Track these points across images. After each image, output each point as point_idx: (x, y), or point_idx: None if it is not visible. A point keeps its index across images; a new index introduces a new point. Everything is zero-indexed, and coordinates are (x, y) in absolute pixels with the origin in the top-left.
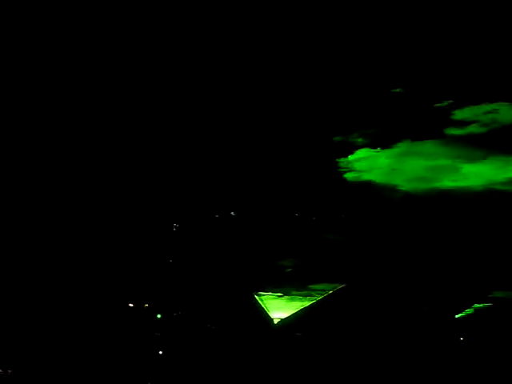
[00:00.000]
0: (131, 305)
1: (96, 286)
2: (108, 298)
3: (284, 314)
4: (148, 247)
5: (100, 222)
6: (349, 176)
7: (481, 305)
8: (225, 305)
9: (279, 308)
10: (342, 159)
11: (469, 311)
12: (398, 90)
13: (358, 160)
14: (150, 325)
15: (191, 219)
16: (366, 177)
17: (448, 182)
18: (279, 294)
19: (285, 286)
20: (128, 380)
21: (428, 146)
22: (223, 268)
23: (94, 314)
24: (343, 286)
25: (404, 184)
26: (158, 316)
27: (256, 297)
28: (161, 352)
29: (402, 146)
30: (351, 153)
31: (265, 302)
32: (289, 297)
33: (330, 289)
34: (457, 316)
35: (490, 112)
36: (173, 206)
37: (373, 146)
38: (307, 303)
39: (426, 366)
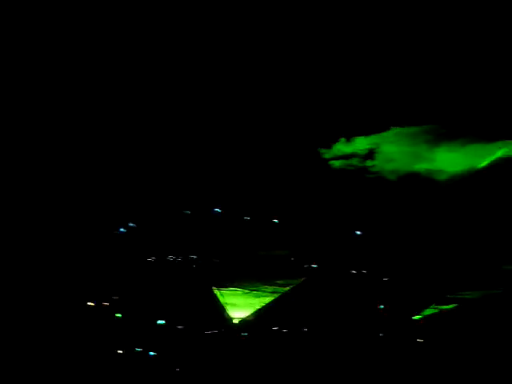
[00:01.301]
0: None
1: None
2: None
3: (243, 313)
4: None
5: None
6: (335, 163)
7: (445, 306)
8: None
9: (239, 306)
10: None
11: (428, 312)
12: None
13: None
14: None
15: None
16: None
17: (425, 165)
18: (242, 290)
19: (251, 281)
20: None
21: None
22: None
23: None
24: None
25: (382, 165)
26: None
27: (216, 292)
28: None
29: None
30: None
31: (225, 298)
32: (251, 293)
33: (295, 283)
34: (414, 317)
35: None
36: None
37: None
38: (269, 299)
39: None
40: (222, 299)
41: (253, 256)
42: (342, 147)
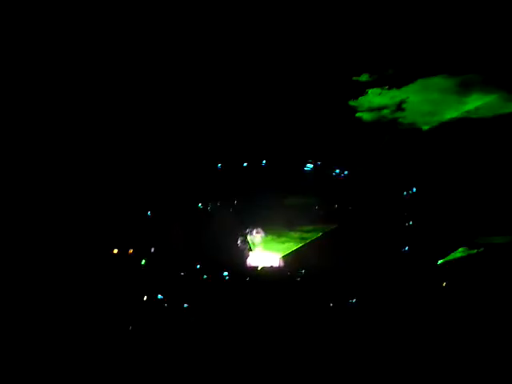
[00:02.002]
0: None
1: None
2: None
3: (269, 259)
4: None
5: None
6: (364, 116)
7: (471, 250)
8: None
9: (265, 251)
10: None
11: (454, 255)
12: None
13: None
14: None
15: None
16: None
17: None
18: (270, 236)
19: (279, 228)
20: None
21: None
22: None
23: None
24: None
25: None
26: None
27: (247, 238)
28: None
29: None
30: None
31: (252, 244)
32: (279, 239)
33: (322, 230)
34: (439, 262)
35: None
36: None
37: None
38: (295, 246)
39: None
40: (248, 245)
41: (281, 203)
42: (371, 99)
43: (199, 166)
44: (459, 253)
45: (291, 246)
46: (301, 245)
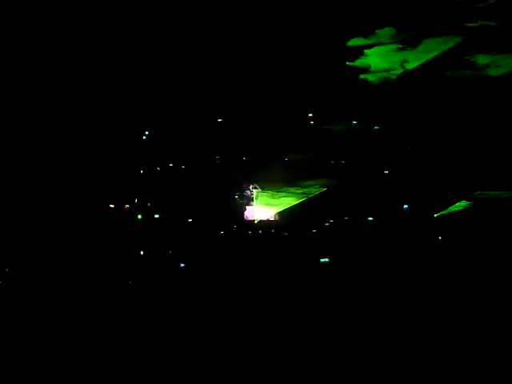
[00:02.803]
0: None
1: None
2: None
3: (267, 213)
4: None
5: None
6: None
7: (465, 203)
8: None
9: (265, 206)
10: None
11: (453, 209)
12: None
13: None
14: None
15: None
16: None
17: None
18: (271, 192)
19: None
20: None
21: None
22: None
23: None
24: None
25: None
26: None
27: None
28: None
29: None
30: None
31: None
32: (279, 194)
33: (323, 185)
34: (436, 215)
35: None
36: None
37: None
38: (294, 201)
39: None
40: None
41: (282, 159)
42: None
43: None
44: (458, 206)
45: (290, 201)
46: (300, 200)
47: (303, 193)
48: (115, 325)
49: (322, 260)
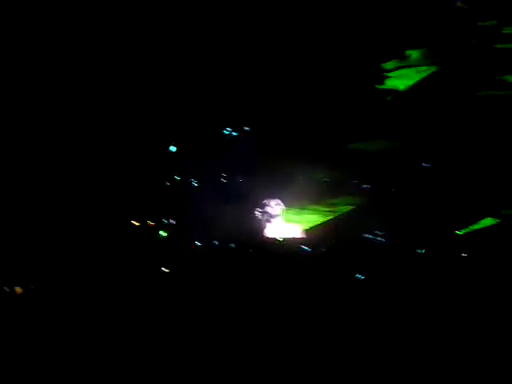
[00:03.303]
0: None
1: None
2: None
3: (291, 230)
4: None
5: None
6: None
7: (491, 220)
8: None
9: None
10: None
11: (474, 227)
12: None
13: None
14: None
15: None
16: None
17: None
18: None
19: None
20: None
21: None
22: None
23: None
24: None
25: None
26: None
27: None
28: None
29: None
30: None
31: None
32: (302, 210)
33: (350, 203)
34: (460, 232)
35: None
36: None
37: None
38: (320, 219)
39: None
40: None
41: (306, 174)
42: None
43: (216, 133)
44: (483, 224)
45: (315, 219)
46: (326, 218)
47: (330, 210)
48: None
49: (356, 276)
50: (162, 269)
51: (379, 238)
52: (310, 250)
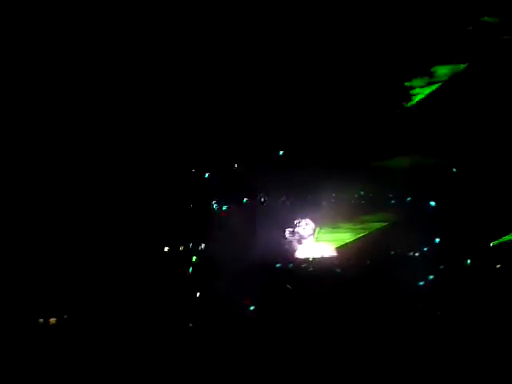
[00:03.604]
0: None
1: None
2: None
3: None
4: None
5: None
6: None
7: None
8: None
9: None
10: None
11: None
12: None
13: None
14: None
15: None
16: None
17: None
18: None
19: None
20: None
21: None
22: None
23: None
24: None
25: None
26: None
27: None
28: None
29: None
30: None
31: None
32: (334, 229)
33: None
34: (493, 243)
35: None
36: None
37: None
38: (352, 237)
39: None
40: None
41: (338, 192)
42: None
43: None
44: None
45: (347, 238)
46: (358, 236)
47: (362, 228)
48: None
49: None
50: (197, 294)
51: (416, 253)
52: (339, 271)
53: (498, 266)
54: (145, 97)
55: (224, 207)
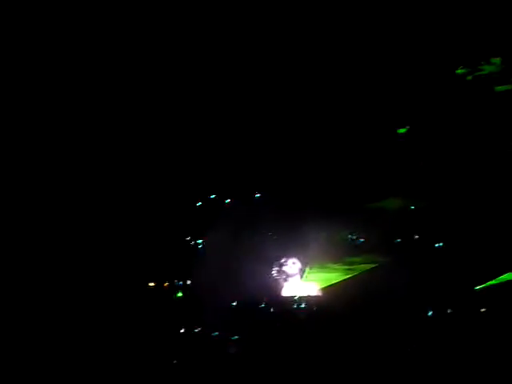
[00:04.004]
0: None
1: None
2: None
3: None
4: None
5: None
6: None
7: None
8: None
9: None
10: None
11: (492, 282)
12: None
13: None
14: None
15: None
16: None
17: None
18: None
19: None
20: None
21: None
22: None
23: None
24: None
25: None
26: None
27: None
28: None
29: None
30: None
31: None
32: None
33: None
34: (476, 288)
35: None
36: None
37: None
38: (339, 278)
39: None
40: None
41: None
42: None
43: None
44: (502, 279)
45: (334, 278)
46: (345, 277)
47: (350, 269)
48: None
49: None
50: (181, 330)
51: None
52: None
53: (483, 310)
54: (135, 105)
55: (210, 241)
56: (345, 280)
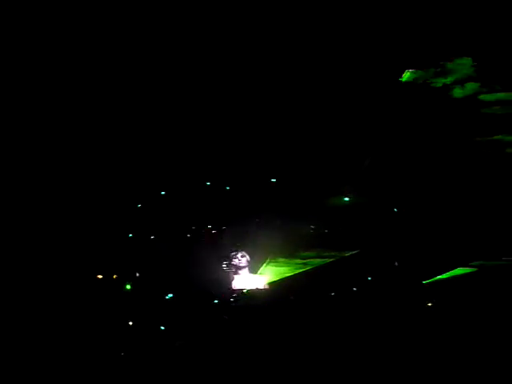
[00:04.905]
0: None
1: None
2: None
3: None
4: None
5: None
6: None
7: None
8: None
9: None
10: None
11: (442, 277)
12: None
13: None
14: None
15: None
16: None
17: None
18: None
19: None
20: None
21: None
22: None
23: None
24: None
25: None
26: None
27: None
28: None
29: None
30: None
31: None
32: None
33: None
34: (424, 282)
35: None
36: None
37: None
38: (289, 272)
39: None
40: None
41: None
42: None
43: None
44: (454, 272)
45: (284, 272)
46: (296, 271)
47: (302, 263)
48: None
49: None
50: (129, 323)
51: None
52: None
53: (430, 305)
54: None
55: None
56: (295, 274)
